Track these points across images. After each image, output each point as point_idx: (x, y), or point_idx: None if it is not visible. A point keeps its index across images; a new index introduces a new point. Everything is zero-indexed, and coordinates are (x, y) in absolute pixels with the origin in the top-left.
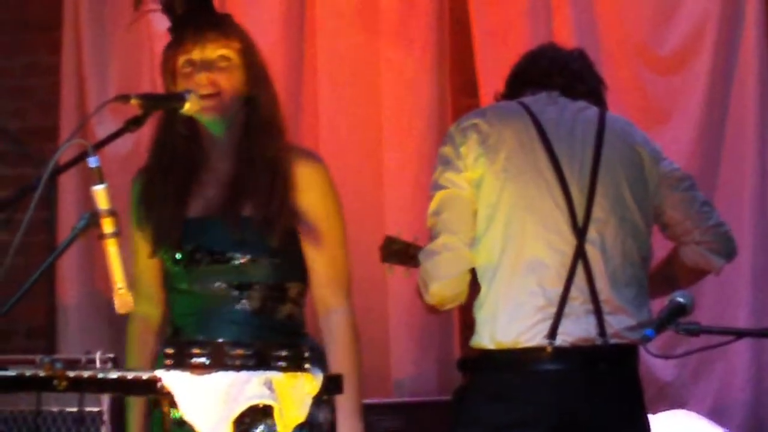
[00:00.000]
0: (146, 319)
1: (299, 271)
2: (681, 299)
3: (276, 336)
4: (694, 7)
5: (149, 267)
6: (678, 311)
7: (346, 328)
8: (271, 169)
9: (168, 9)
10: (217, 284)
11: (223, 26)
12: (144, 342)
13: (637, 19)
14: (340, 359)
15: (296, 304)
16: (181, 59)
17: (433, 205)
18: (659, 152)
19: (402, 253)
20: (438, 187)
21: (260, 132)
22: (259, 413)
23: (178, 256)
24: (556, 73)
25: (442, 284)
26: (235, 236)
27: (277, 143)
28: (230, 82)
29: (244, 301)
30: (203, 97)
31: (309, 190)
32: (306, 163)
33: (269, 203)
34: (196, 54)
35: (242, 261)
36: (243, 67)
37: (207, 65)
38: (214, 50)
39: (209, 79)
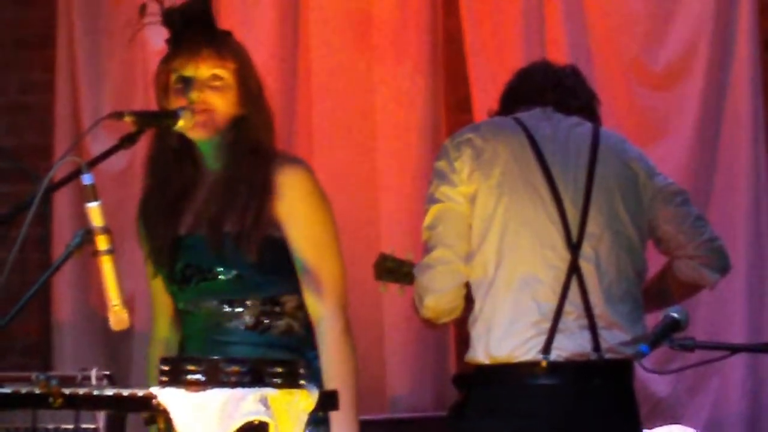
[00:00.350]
0: (166, 343)
1: (294, 284)
2: (675, 315)
3: (275, 352)
4: (687, 23)
5: (161, 291)
6: (672, 327)
7: (334, 337)
8: (249, 183)
9: (167, 22)
10: (209, 302)
11: (220, 44)
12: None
13: (629, 36)
14: (330, 373)
15: (295, 318)
16: (174, 75)
17: (428, 219)
18: (653, 168)
19: (396, 270)
20: (433, 200)
21: (248, 152)
22: (253, 431)
23: (171, 274)
24: (549, 89)
25: (437, 297)
26: (217, 252)
27: (264, 164)
28: (222, 102)
29: (237, 317)
30: (193, 115)
31: (288, 194)
32: (286, 169)
33: (244, 216)
34: (190, 71)
35: (230, 277)
36: (236, 88)
37: (199, 84)
38: (208, 69)
39: (200, 98)
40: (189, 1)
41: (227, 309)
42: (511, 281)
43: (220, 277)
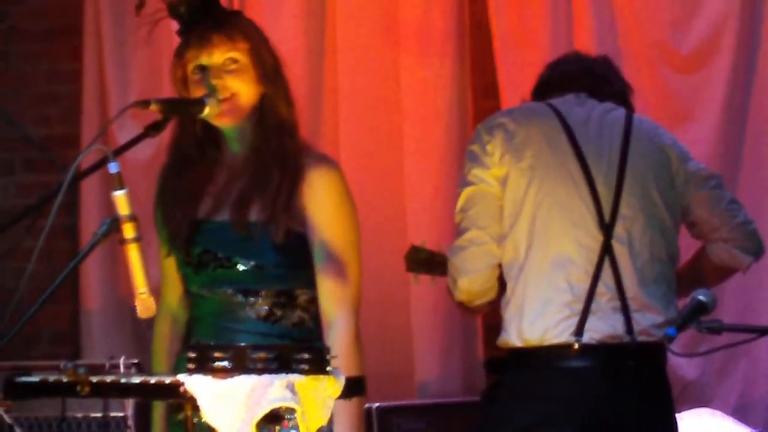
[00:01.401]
0: (172, 319)
1: (309, 278)
2: (702, 297)
3: (285, 342)
4: (714, 6)
5: (172, 269)
6: (699, 310)
7: (346, 342)
8: (281, 170)
9: (174, 13)
10: (223, 289)
11: (229, 27)
12: (170, 340)
13: (656, 19)
14: None
15: (307, 311)
16: (190, 66)
17: (460, 202)
18: (686, 152)
19: (428, 261)
20: (466, 183)
21: (273, 131)
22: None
23: (187, 257)
24: (582, 76)
25: (470, 279)
26: (241, 241)
27: (290, 142)
28: (241, 84)
29: (250, 307)
30: (219, 102)
31: (318, 194)
32: (319, 167)
33: (274, 202)
34: (204, 59)
35: (247, 267)
36: (253, 67)
37: (216, 70)
38: (222, 54)
39: (220, 85)
40: None
41: (241, 298)
42: (544, 262)
43: (238, 266)
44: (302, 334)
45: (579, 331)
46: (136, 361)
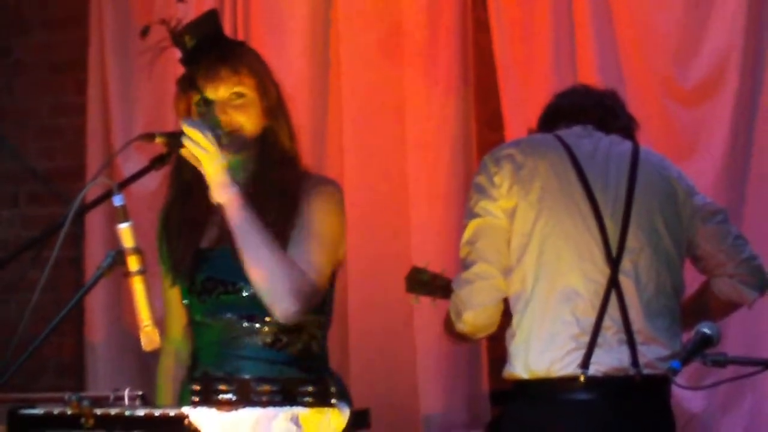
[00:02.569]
0: (177, 354)
1: (319, 304)
2: (707, 330)
3: (291, 371)
4: (718, 39)
5: (176, 301)
6: (704, 343)
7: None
8: (280, 197)
9: (178, 43)
10: (228, 315)
11: (235, 61)
12: (174, 376)
13: (660, 52)
14: None
15: (313, 337)
16: (195, 98)
17: (467, 234)
18: (693, 187)
19: (429, 283)
20: (472, 215)
21: (274, 164)
22: None
23: (191, 286)
24: (589, 108)
25: (476, 313)
26: (244, 268)
27: (290, 172)
28: (246, 119)
29: (255, 334)
30: (221, 136)
31: (312, 200)
32: (318, 185)
33: (274, 228)
34: (210, 93)
35: (251, 293)
36: (258, 101)
37: (221, 105)
38: (228, 88)
39: (226, 120)
40: (196, 19)
41: (246, 324)
42: (550, 295)
43: (242, 292)
44: (309, 361)
45: (585, 364)
46: (140, 393)
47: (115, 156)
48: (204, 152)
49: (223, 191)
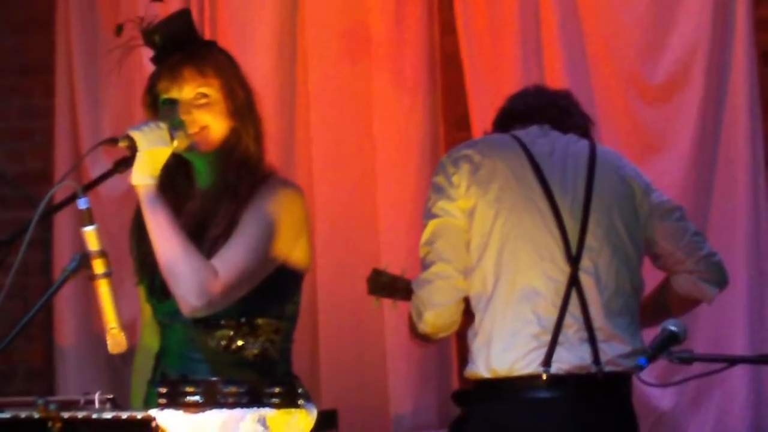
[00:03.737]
0: (151, 352)
1: (273, 307)
2: (673, 327)
3: (247, 375)
4: (684, 36)
5: (145, 298)
6: (670, 340)
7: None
8: (233, 199)
9: (148, 42)
10: (184, 318)
11: (201, 61)
12: (148, 373)
13: (627, 50)
14: None
15: (270, 341)
16: (162, 97)
17: (426, 234)
18: (649, 184)
19: (389, 285)
20: (431, 215)
21: (234, 168)
22: None
23: (152, 287)
24: (545, 108)
25: (436, 312)
26: None
27: (248, 174)
28: (211, 118)
29: (211, 337)
30: (187, 135)
31: (258, 201)
32: (273, 187)
33: (221, 223)
34: (175, 93)
35: None
36: (223, 101)
37: (186, 105)
38: (193, 89)
39: (189, 120)
40: (168, 18)
41: (202, 327)
42: (511, 294)
43: None
44: (265, 365)
45: (547, 362)
46: (111, 396)
47: (81, 160)
48: (139, 132)
49: (141, 175)
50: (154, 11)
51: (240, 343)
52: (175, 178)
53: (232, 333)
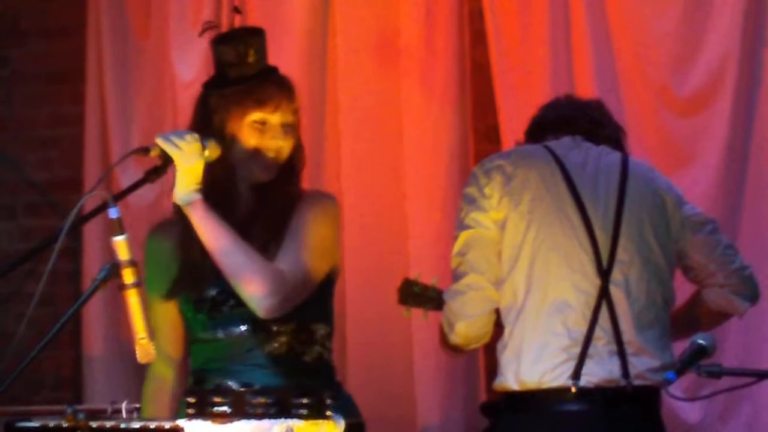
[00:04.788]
0: (161, 380)
1: (325, 313)
2: (702, 341)
3: (305, 378)
4: (714, 48)
5: (166, 324)
6: (699, 353)
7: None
8: (283, 212)
9: (236, 55)
10: (241, 328)
11: (290, 92)
12: (159, 402)
13: (656, 62)
14: None
15: (324, 346)
16: (256, 114)
17: (458, 245)
18: (681, 197)
19: (420, 295)
20: (463, 226)
21: (284, 180)
22: None
23: (199, 301)
24: (577, 119)
25: (468, 323)
26: None
27: (294, 189)
28: (289, 145)
29: (268, 344)
30: (267, 161)
31: (302, 211)
32: (312, 198)
33: (277, 237)
34: (275, 118)
35: None
36: (298, 129)
37: (279, 133)
38: (287, 116)
39: (275, 145)
40: (249, 32)
41: (260, 335)
42: (542, 306)
43: None
44: (322, 370)
45: (576, 375)
46: (138, 405)
47: (111, 169)
48: (177, 150)
49: (186, 193)
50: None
51: (298, 349)
52: (224, 188)
53: (289, 339)
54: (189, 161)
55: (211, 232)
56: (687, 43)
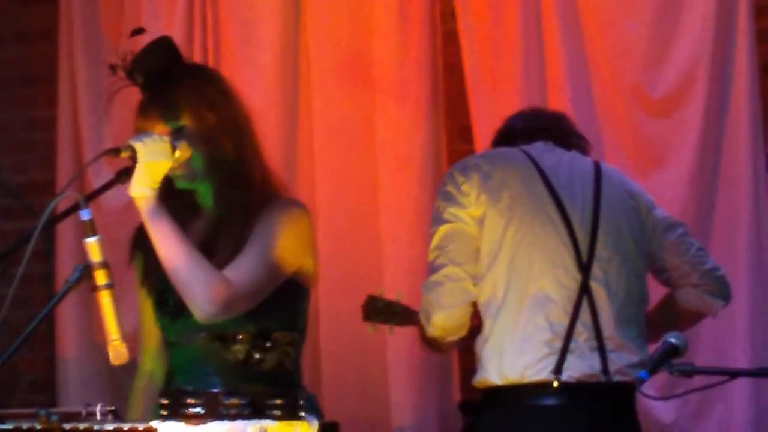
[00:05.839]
0: (150, 376)
1: (290, 320)
2: (674, 340)
3: (264, 386)
4: (686, 49)
5: (150, 320)
6: (671, 352)
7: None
8: (241, 219)
9: (133, 81)
10: (200, 335)
11: (190, 95)
12: (147, 398)
13: (629, 63)
14: None
15: (285, 354)
16: (150, 129)
17: (436, 239)
18: (653, 201)
19: (385, 311)
20: (441, 221)
21: (229, 186)
22: None
23: (163, 306)
24: (549, 125)
25: (446, 314)
26: None
27: (245, 195)
28: (190, 149)
29: (228, 352)
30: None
31: (266, 218)
32: (279, 205)
33: (236, 251)
34: (160, 129)
35: None
36: (197, 130)
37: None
38: (164, 126)
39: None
40: (146, 50)
41: (219, 342)
42: (523, 301)
43: None
44: (281, 377)
45: (558, 369)
46: (113, 408)
47: (82, 170)
48: (140, 143)
49: (140, 187)
50: (138, 43)
51: (257, 356)
52: (182, 196)
53: (248, 347)
54: (152, 156)
55: (158, 233)
56: (658, 45)
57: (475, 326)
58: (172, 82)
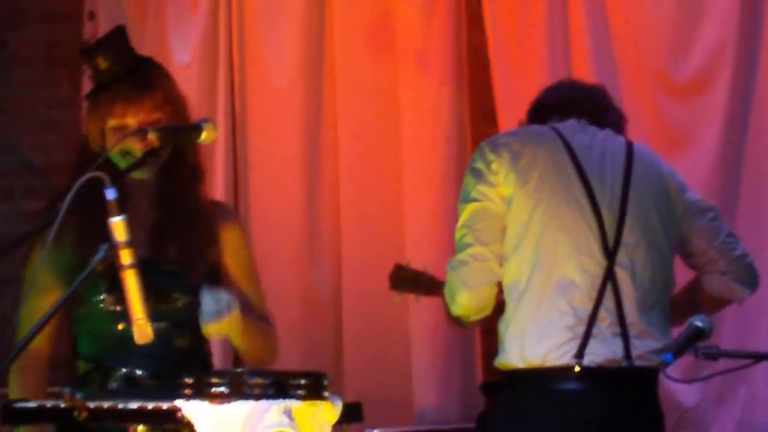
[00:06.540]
0: (36, 354)
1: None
2: (699, 323)
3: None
4: (712, 33)
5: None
6: (696, 335)
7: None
8: (192, 217)
9: (89, 61)
10: (159, 324)
11: (153, 88)
12: (30, 375)
13: (654, 46)
14: None
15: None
16: (113, 122)
17: (463, 217)
18: (684, 183)
19: (412, 280)
20: (470, 199)
21: (182, 179)
22: None
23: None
24: (581, 102)
25: (471, 294)
26: (175, 276)
27: (195, 190)
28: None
29: (178, 338)
30: (141, 158)
31: (232, 251)
32: (228, 222)
33: (194, 250)
34: (130, 120)
35: (186, 302)
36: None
37: (142, 132)
38: (148, 115)
39: (140, 147)
40: (106, 37)
41: (177, 330)
42: (547, 285)
43: (177, 303)
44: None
45: (580, 354)
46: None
47: (108, 152)
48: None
49: (217, 335)
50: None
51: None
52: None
53: (193, 336)
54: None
55: (248, 330)
56: (684, 28)
57: (501, 302)
58: (149, 74)
